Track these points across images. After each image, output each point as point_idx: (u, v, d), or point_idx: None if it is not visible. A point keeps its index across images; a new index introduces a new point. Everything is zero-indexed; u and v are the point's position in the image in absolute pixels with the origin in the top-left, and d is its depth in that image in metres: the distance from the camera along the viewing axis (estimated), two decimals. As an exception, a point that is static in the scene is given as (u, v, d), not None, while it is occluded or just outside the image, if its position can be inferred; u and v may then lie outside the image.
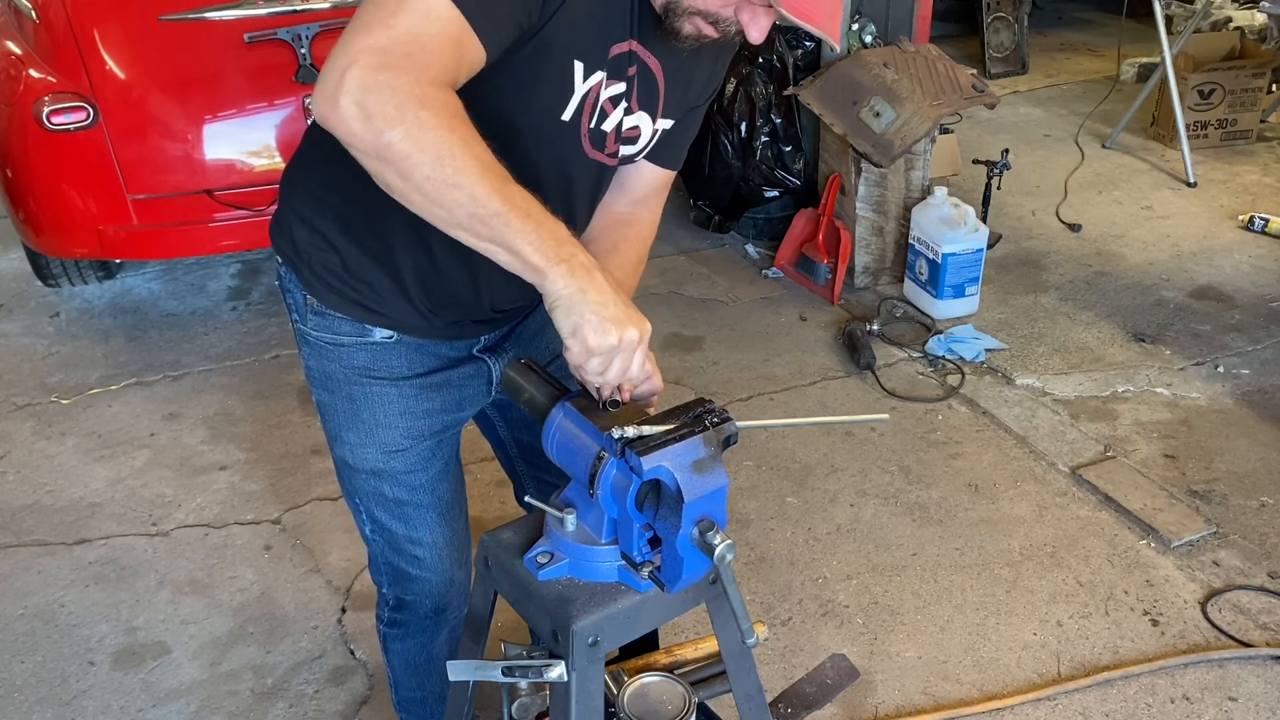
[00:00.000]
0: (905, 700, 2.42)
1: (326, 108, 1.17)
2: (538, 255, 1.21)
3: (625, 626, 1.32)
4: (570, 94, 1.38)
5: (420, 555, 1.76)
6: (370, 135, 1.15)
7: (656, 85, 1.46)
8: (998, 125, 5.61)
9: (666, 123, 1.53)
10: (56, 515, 3.01)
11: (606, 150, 1.49)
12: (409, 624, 1.89)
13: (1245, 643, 2.53)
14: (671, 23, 1.35)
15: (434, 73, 1.18)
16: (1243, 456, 3.16)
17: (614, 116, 1.45)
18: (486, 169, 1.18)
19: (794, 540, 2.88)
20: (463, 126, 1.18)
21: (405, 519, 1.73)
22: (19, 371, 3.70)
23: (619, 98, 1.43)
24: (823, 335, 3.84)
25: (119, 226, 3.52)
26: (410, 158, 1.15)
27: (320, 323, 1.60)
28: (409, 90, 1.15)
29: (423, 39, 1.17)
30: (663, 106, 1.50)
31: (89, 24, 3.42)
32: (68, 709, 2.43)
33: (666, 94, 1.48)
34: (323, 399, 1.68)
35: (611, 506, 1.27)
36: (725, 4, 1.32)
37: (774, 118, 4.19)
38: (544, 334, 1.76)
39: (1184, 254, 4.34)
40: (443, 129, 1.15)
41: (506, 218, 1.19)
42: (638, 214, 1.65)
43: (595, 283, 1.23)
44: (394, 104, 1.14)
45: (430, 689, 2.01)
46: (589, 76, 1.37)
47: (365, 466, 1.68)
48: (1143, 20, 6.11)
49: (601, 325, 1.22)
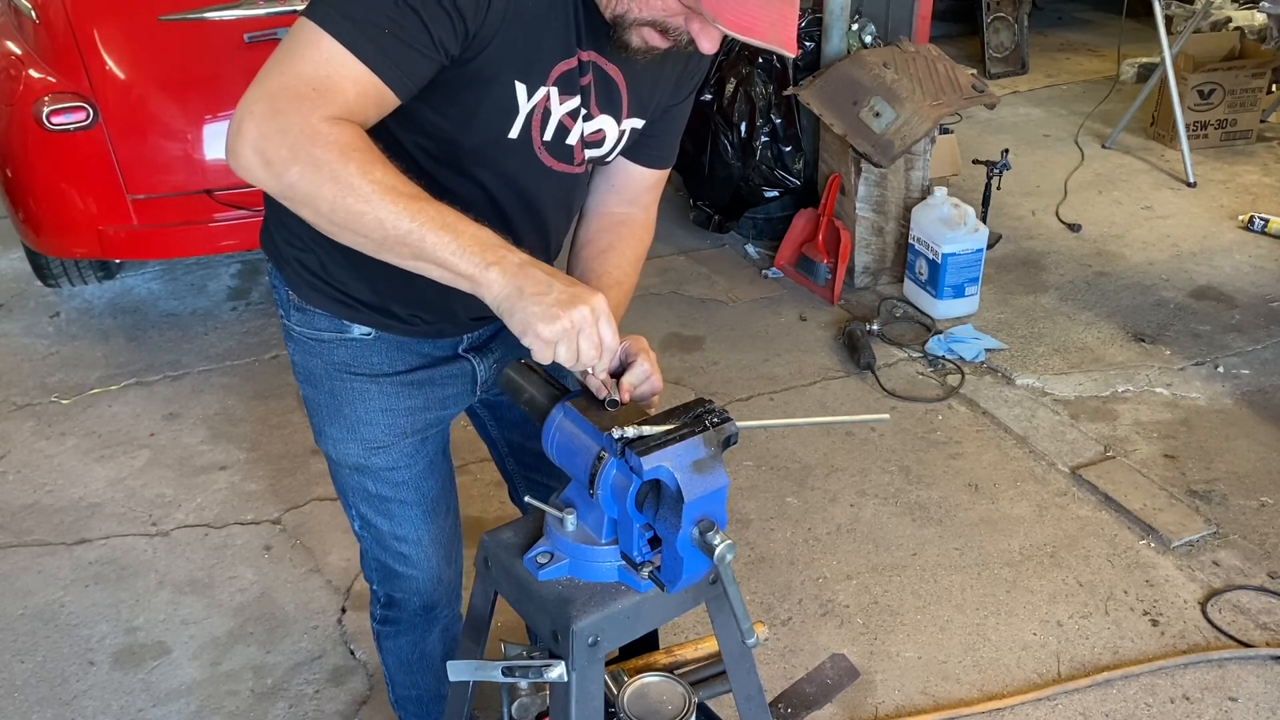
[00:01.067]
0: (905, 700, 2.42)
1: (232, 160, 1.23)
2: (464, 263, 1.21)
3: (625, 626, 1.32)
4: (515, 113, 1.38)
5: (406, 552, 1.77)
6: (273, 179, 1.21)
7: (617, 87, 1.45)
8: (998, 125, 5.61)
9: (635, 122, 1.52)
10: (56, 515, 3.01)
11: (575, 161, 1.49)
12: (400, 622, 1.89)
13: (1245, 643, 2.53)
14: (620, 35, 1.34)
15: (327, 110, 1.21)
16: (1243, 456, 3.16)
17: (576, 129, 1.45)
18: (389, 190, 1.20)
19: (794, 540, 2.88)
20: (359, 154, 1.20)
21: (390, 515, 1.73)
22: (19, 371, 3.70)
23: (576, 111, 1.43)
24: (823, 335, 3.84)
25: (119, 226, 3.52)
26: (313, 194, 1.20)
27: (302, 318, 1.61)
28: (299, 130, 1.19)
29: (314, 81, 1.21)
30: (627, 107, 1.48)
31: (89, 24, 3.42)
32: (68, 709, 2.43)
33: (631, 95, 1.47)
34: (307, 394, 1.69)
35: (611, 506, 1.27)
36: (672, 13, 1.30)
37: (774, 118, 4.19)
38: None
39: (1184, 254, 4.34)
40: (336, 162, 1.18)
41: (421, 234, 1.20)
42: (632, 213, 1.65)
43: (529, 276, 1.21)
44: (287, 146, 1.19)
45: (425, 687, 2.01)
46: (533, 94, 1.37)
47: (348, 462, 1.69)
48: (1143, 20, 6.11)
49: (546, 313, 1.19)
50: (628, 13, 1.32)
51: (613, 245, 1.60)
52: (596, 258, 1.58)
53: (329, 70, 1.21)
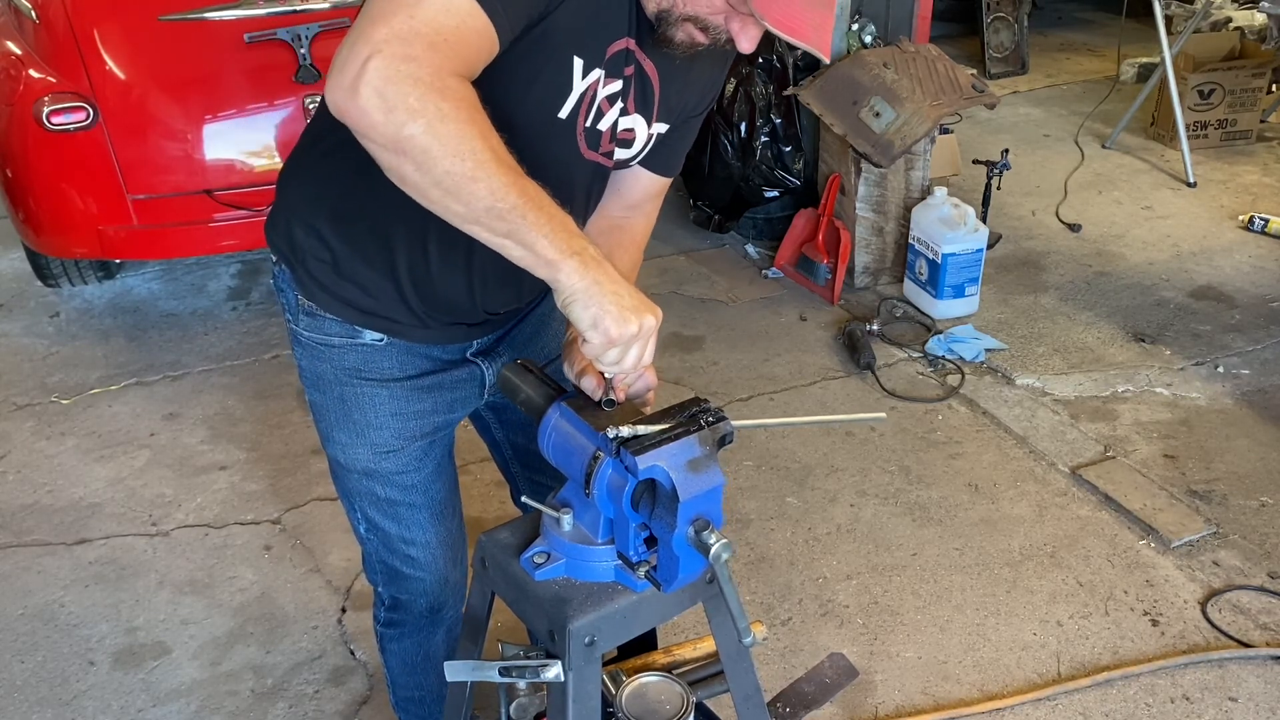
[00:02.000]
0: (905, 700, 2.42)
1: (343, 96, 1.14)
2: (552, 249, 1.19)
3: (622, 626, 1.32)
4: (569, 91, 1.37)
5: (414, 555, 1.77)
6: (391, 128, 1.13)
7: (652, 87, 1.46)
8: (998, 125, 5.61)
9: (662, 127, 1.53)
10: (56, 515, 3.02)
11: (601, 150, 1.49)
12: (405, 623, 1.89)
13: (1245, 643, 2.53)
14: (665, 30, 1.35)
15: (455, 64, 1.16)
16: (1243, 456, 3.16)
17: (610, 115, 1.44)
18: (502, 162, 1.17)
19: (794, 540, 2.88)
20: (481, 119, 1.17)
21: (398, 519, 1.73)
22: (19, 371, 3.71)
23: (615, 96, 1.43)
24: (823, 335, 3.84)
25: (119, 226, 3.52)
26: (430, 151, 1.14)
27: (311, 323, 1.60)
28: (431, 82, 1.13)
29: (445, 30, 1.16)
30: (658, 110, 1.49)
31: (89, 24, 3.42)
32: (68, 709, 2.43)
33: (662, 97, 1.48)
34: (315, 399, 1.68)
35: (607, 506, 1.27)
36: (715, 11, 1.32)
37: (774, 118, 4.19)
38: (538, 339, 1.75)
39: (1184, 254, 4.33)
40: (463, 121, 1.14)
41: (523, 211, 1.17)
42: (632, 219, 1.66)
43: (608, 274, 1.22)
44: (416, 96, 1.12)
45: (428, 689, 2.01)
46: (587, 74, 1.37)
47: (357, 467, 1.69)
48: (1143, 20, 6.10)
49: (621, 315, 1.21)
50: (673, 8, 1.32)
51: (611, 251, 1.60)
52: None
53: (459, 20, 1.17)
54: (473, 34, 1.18)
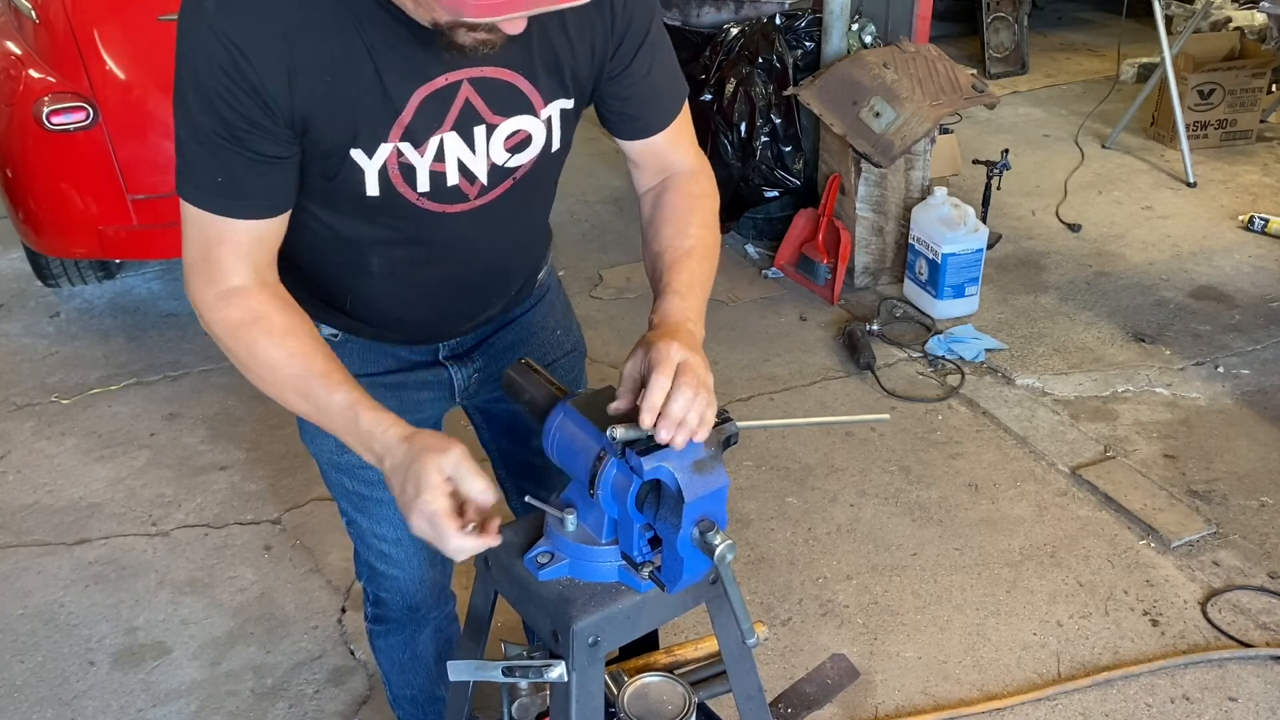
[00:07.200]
0: (905, 700, 2.42)
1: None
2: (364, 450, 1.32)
3: (625, 627, 1.32)
4: (362, 173, 1.35)
5: (387, 551, 1.76)
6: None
7: (510, 84, 1.37)
8: (998, 125, 5.61)
9: (564, 103, 1.43)
10: (56, 515, 3.01)
11: (481, 182, 1.43)
12: (388, 621, 1.89)
13: (1245, 643, 2.53)
14: (451, 42, 1.24)
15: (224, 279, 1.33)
16: (1243, 456, 3.16)
17: (454, 172, 1.39)
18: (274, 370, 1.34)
19: (794, 540, 2.88)
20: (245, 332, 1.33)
21: (369, 514, 1.72)
22: (19, 371, 3.70)
23: (442, 153, 1.37)
24: (823, 335, 3.84)
25: (119, 226, 3.52)
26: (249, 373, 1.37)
27: None
28: (199, 306, 1.35)
29: (201, 252, 1.34)
30: (539, 96, 1.40)
31: (89, 24, 3.42)
32: (68, 709, 2.43)
33: (536, 83, 1.39)
34: None
35: (612, 507, 1.27)
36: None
37: (774, 118, 4.19)
38: (519, 348, 1.71)
39: (1184, 254, 4.34)
40: (227, 341, 1.35)
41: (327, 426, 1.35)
42: (667, 180, 1.55)
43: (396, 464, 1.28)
44: (199, 315, 1.36)
45: (419, 688, 2.00)
46: (373, 155, 1.34)
47: (324, 458, 1.69)
48: (1143, 20, 6.10)
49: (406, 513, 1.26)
50: (434, 22, 1.23)
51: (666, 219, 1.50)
52: (655, 263, 1.48)
53: (205, 235, 1.33)
54: (227, 237, 1.32)
